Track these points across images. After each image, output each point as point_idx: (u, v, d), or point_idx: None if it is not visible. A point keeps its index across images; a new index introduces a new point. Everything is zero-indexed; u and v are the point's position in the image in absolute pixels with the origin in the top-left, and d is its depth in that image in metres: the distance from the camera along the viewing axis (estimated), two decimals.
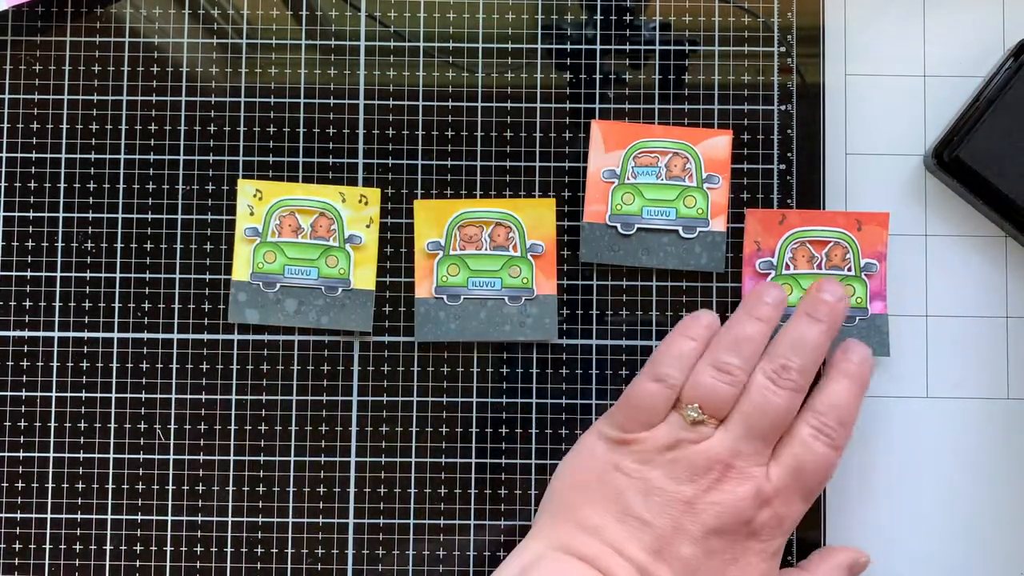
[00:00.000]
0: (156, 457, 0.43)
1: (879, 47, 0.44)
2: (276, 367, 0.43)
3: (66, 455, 0.43)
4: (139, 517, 0.43)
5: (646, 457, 0.39)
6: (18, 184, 0.44)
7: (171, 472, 0.43)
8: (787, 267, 0.43)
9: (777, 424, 0.39)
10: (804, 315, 0.40)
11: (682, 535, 0.38)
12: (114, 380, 0.43)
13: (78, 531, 0.43)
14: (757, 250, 0.43)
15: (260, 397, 0.43)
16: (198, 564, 0.43)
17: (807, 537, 0.43)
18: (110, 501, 0.43)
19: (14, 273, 0.44)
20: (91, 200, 0.44)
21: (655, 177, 0.43)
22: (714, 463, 0.38)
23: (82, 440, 0.43)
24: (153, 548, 0.43)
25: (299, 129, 0.44)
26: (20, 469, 0.43)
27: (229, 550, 0.43)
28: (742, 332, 0.40)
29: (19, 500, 0.43)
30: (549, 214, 0.43)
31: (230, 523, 0.43)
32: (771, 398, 0.39)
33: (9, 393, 0.43)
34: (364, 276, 0.43)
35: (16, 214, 0.44)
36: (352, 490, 0.43)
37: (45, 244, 0.44)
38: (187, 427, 0.43)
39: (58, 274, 0.44)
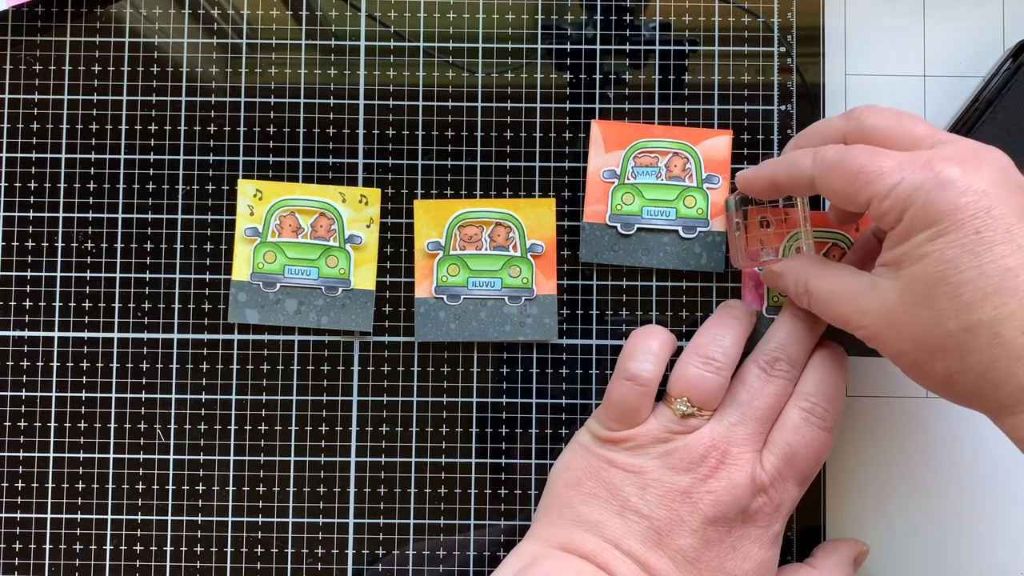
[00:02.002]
0: (156, 457, 0.43)
1: (879, 47, 0.44)
2: (276, 367, 0.43)
3: (66, 455, 0.43)
4: (139, 517, 0.43)
5: (640, 451, 0.39)
6: (18, 184, 0.44)
7: (171, 472, 0.43)
8: None
9: (771, 409, 0.39)
10: (791, 314, 0.41)
11: (680, 526, 0.38)
12: (114, 380, 0.43)
13: (78, 531, 0.43)
14: (760, 248, 0.43)
15: (260, 397, 0.43)
16: (198, 564, 0.43)
17: (808, 538, 0.43)
18: (110, 501, 0.43)
19: (14, 273, 0.44)
20: (91, 200, 0.44)
21: (655, 177, 0.43)
22: (710, 451, 0.38)
23: (82, 440, 0.43)
24: (153, 548, 0.43)
25: (299, 129, 0.44)
26: (20, 469, 0.43)
27: (229, 550, 0.43)
28: (723, 327, 0.40)
29: (19, 500, 0.43)
30: (549, 214, 0.43)
31: (230, 523, 0.43)
32: (765, 385, 0.39)
33: (9, 393, 0.43)
34: (364, 276, 0.43)
35: (16, 214, 0.44)
36: (352, 490, 0.43)
37: (45, 244, 0.44)
38: (187, 427, 0.43)
39: (58, 274, 0.44)
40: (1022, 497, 0.43)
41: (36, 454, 0.43)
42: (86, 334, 0.44)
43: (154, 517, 0.43)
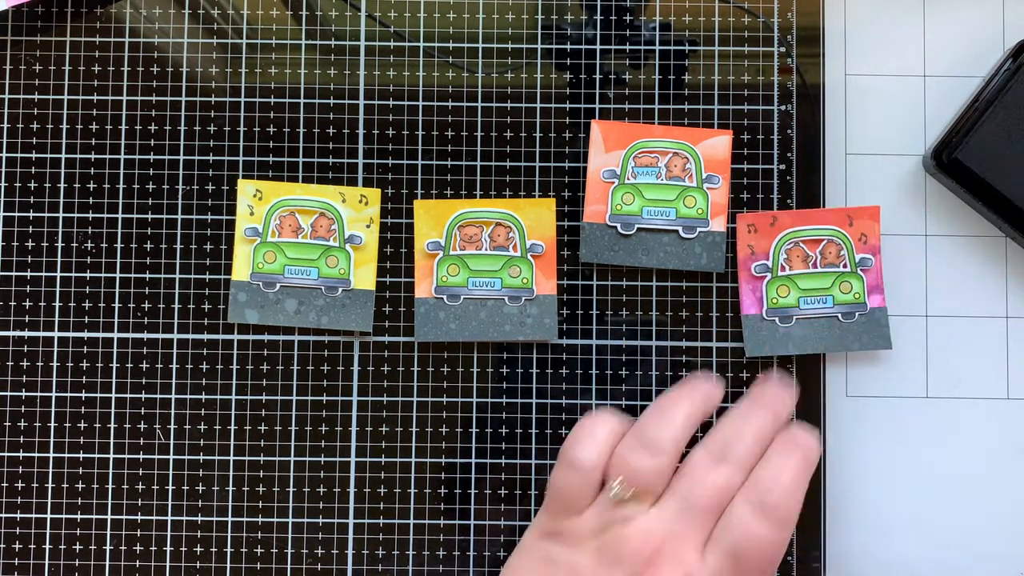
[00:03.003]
0: (156, 457, 0.43)
1: (879, 47, 0.44)
2: (276, 367, 0.43)
3: (66, 455, 0.43)
4: (139, 517, 0.43)
5: (577, 546, 0.37)
6: (18, 184, 0.44)
7: (171, 472, 0.43)
8: (782, 268, 0.43)
9: (716, 502, 0.36)
10: (750, 402, 0.39)
11: None
12: (114, 380, 0.43)
13: (78, 531, 0.43)
14: (751, 254, 0.43)
15: (260, 397, 0.43)
16: (198, 564, 0.43)
17: (808, 539, 0.43)
18: (110, 501, 0.43)
19: (14, 273, 0.44)
20: (91, 200, 0.44)
21: (655, 177, 0.43)
22: (643, 545, 0.36)
23: (82, 440, 0.43)
24: (153, 548, 0.43)
25: (299, 129, 0.44)
26: (20, 469, 0.43)
27: (229, 550, 0.43)
28: (676, 404, 0.38)
29: (19, 500, 0.43)
30: (549, 214, 0.43)
31: (230, 523, 0.43)
32: (710, 474, 0.36)
33: (9, 393, 0.43)
34: (364, 276, 0.43)
35: (16, 214, 0.44)
36: (352, 490, 0.43)
37: (45, 244, 0.44)
38: (187, 427, 0.43)
39: (58, 274, 0.44)
40: (1022, 498, 0.43)
41: (36, 454, 0.43)
42: (86, 334, 0.44)
43: (154, 517, 0.43)
